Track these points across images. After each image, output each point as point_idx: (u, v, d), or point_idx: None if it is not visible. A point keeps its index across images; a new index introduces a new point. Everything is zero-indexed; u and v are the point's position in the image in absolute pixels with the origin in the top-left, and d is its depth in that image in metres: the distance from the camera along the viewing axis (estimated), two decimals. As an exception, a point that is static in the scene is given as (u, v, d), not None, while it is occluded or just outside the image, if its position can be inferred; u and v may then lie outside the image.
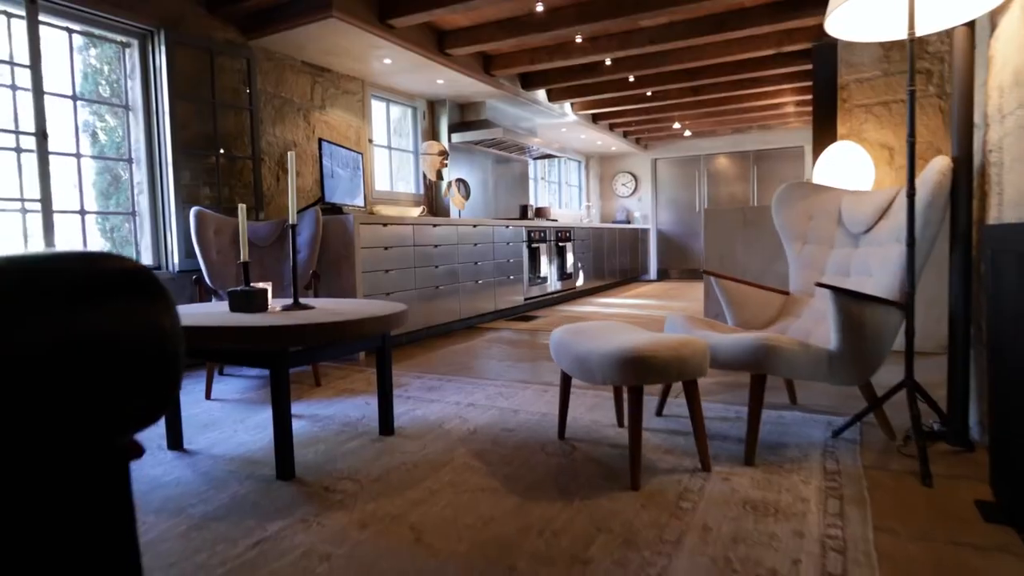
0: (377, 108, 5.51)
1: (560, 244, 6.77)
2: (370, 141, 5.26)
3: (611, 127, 8.48)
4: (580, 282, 7.35)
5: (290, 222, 2.16)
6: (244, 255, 2.18)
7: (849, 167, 4.39)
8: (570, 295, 7.18)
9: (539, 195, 8.67)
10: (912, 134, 1.95)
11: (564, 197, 9.53)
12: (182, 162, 3.69)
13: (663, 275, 10.31)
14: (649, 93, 6.65)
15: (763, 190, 9.54)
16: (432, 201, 6.03)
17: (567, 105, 7.07)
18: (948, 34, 4.60)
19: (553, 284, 6.63)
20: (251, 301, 2.10)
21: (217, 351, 2.01)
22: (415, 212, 5.14)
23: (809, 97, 6.86)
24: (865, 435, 2.18)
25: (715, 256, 4.20)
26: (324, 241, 3.91)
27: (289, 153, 2.18)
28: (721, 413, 2.49)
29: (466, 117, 6.30)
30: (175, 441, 2.21)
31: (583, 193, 10.13)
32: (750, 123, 8.84)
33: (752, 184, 9.58)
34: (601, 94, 6.43)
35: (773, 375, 1.94)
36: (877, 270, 2.18)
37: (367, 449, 2.14)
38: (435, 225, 4.62)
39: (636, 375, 1.73)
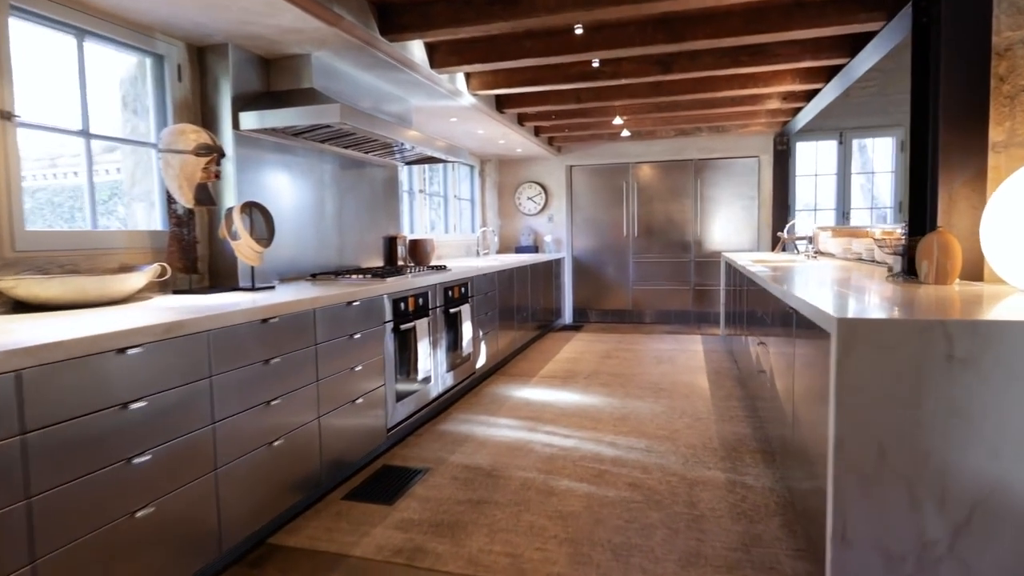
0: (44, 43, 2.46)
1: (451, 310, 4.03)
2: (9, 118, 2.21)
3: (520, 119, 5.86)
4: (481, 361, 4.66)
5: None
6: None
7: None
8: (467, 387, 4.46)
9: (416, 216, 5.86)
10: None
11: (452, 216, 6.79)
12: None
13: (581, 316, 7.89)
14: (596, 63, 4.09)
15: (710, 211, 7.38)
16: (190, 248, 3.01)
17: (460, 78, 4.34)
18: None
19: (439, 381, 3.88)
20: None
21: None
22: (139, 280, 2.19)
23: (818, 87, 4.64)
24: None
25: (867, 446, 1.65)
26: None
27: None
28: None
29: (276, 84, 3.38)
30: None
31: (477, 209, 7.44)
32: (701, 123, 6.60)
33: (696, 202, 7.40)
34: (518, 59, 3.78)
35: None
36: None
37: None
38: (140, 346, 1.70)
39: None
